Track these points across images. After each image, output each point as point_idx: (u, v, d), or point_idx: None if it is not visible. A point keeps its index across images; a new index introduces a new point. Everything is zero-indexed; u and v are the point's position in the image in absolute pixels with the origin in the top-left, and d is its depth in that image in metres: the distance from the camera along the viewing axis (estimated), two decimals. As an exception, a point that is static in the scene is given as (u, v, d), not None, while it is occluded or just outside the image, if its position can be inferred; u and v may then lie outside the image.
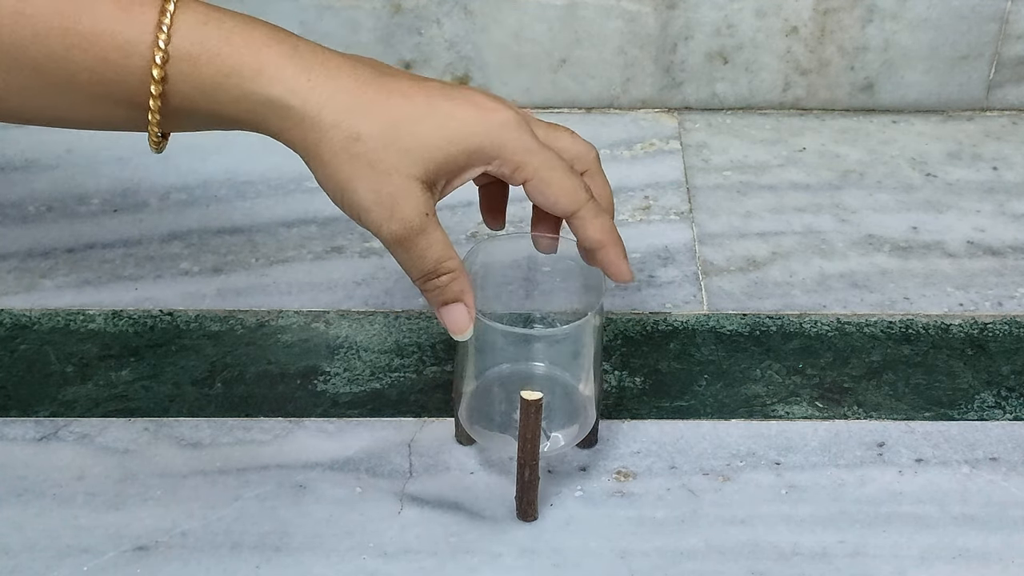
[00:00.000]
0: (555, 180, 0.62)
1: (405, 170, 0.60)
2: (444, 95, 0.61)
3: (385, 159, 0.60)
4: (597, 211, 0.64)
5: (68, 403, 0.73)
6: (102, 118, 0.61)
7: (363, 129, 0.59)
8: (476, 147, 0.61)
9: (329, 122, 0.59)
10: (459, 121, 0.61)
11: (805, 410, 0.73)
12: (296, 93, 0.59)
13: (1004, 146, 0.94)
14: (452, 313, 0.64)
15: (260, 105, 0.59)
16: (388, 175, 0.60)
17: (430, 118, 0.60)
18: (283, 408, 0.73)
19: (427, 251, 0.61)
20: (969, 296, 0.81)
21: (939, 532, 0.66)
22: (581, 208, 0.63)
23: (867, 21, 0.92)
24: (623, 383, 0.75)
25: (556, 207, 0.63)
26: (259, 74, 0.59)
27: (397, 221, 0.60)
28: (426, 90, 0.61)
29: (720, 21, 0.92)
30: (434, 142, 0.60)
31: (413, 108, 0.60)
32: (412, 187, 0.60)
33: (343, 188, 0.60)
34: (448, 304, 0.63)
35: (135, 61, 0.58)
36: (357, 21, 0.92)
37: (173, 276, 0.82)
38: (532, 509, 0.67)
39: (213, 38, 0.59)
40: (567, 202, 0.63)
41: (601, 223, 0.64)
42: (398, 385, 0.74)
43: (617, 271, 0.65)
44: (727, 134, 0.94)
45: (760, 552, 0.65)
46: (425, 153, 0.60)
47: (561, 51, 0.94)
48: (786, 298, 0.81)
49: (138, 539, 0.66)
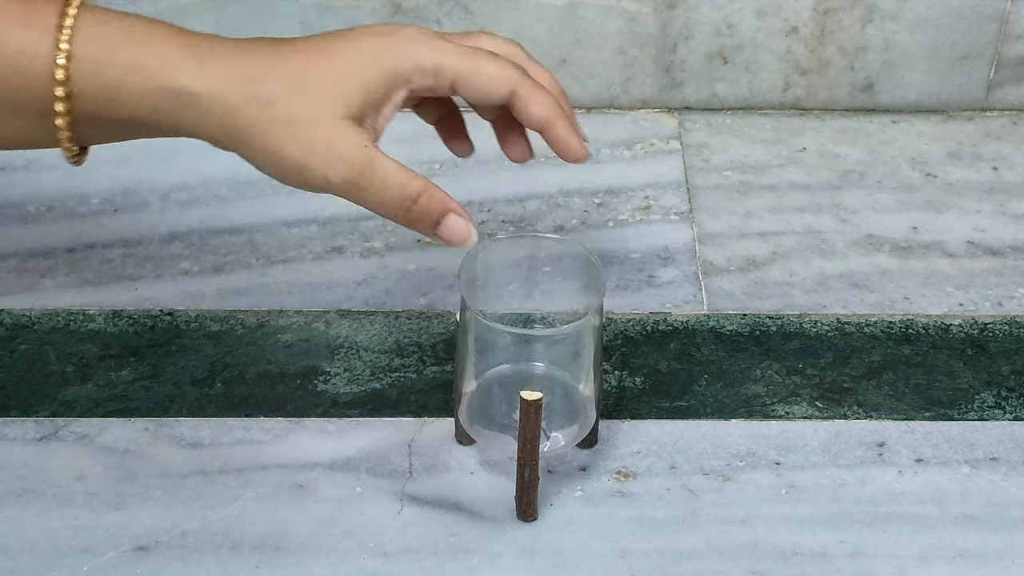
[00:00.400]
0: (480, 67, 0.61)
1: (328, 113, 0.59)
2: (342, 37, 0.61)
3: (304, 111, 0.59)
4: (535, 87, 0.62)
5: (68, 403, 0.73)
6: (15, 134, 0.60)
7: (272, 91, 0.58)
8: (390, 68, 0.60)
9: (239, 98, 0.58)
10: (364, 51, 0.60)
11: (805, 410, 0.73)
12: (199, 79, 0.58)
13: (1004, 146, 0.94)
14: (449, 227, 0.62)
15: (169, 99, 0.58)
16: (312, 125, 0.59)
17: (336, 58, 0.60)
18: (283, 408, 0.73)
19: (385, 181, 0.60)
20: (969, 296, 0.81)
21: (939, 532, 0.67)
22: (517, 86, 0.61)
23: (867, 21, 0.92)
24: (623, 383, 0.75)
25: (492, 95, 0.62)
26: (162, 68, 0.58)
27: (341, 165, 0.59)
28: (323, 39, 0.61)
29: (720, 21, 0.92)
30: (346, 78, 0.59)
31: (316, 57, 0.60)
32: (341, 127, 0.59)
33: (277, 158, 0.59)
34: (439, 222, 0.62)
35: (38, 65, 0.57)
36: (357, 21, 0.92)
37: (173, 276, 0.82)
38: (532, 509, 0.67)
39: (114, 38, 0.58)
40: (500, 84, 0.61)
41: (543, 98, 0.62)
42: (398, 385, 0.74)
43: (566, 147, 0.63)
44: (727, 134, 0.94)
45: (760, 552, 0.65)
46: (341, 91, 0.59)
47: (561, 51, 0.94)
48: (786, 298, 0.81)
49: (138, 539, 0.66)
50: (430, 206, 0.61)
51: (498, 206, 0.87)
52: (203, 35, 0.61)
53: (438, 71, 0.61)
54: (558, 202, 0.87)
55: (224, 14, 0.92)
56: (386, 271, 0.82)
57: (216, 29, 0.92)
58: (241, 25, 0.92)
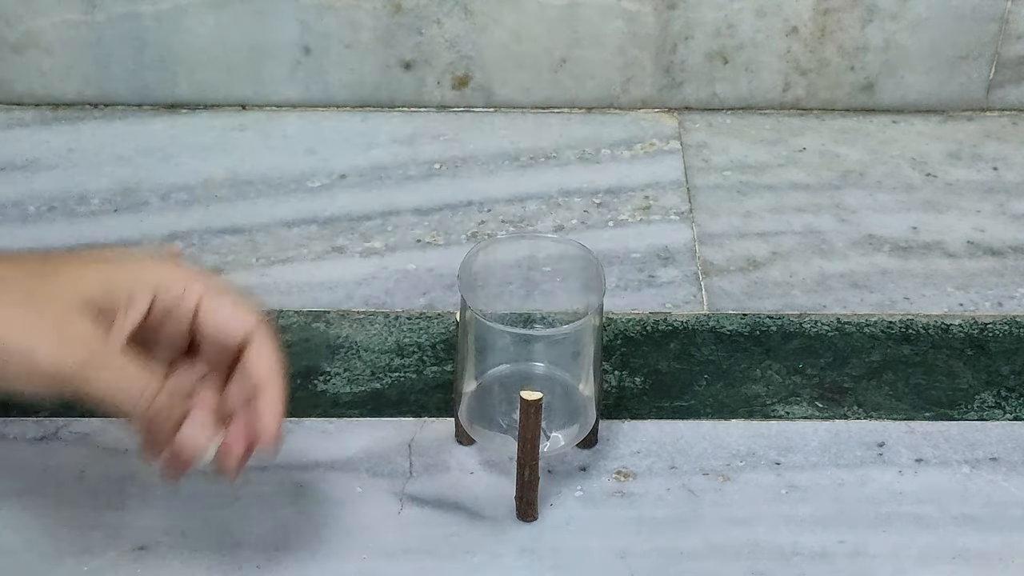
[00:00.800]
0: (228, 301, 0.59)
1: (66, 306, 0.56)
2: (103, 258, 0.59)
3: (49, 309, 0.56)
4: (270, 337, 0.59)
5: (68, 403, 0.73)
6: None
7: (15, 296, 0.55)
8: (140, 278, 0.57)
9: None
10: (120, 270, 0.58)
11: (805, 410, 0.73)
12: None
13: (1004, 146, 0.94)
14: (188, 431, 0.58)
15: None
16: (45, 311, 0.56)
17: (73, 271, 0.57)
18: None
19: (125, 368, 0.56)
20: (969, 296, 0.81)
21: (939, 532, 0.66)
22: (256, 330, 0.59)
23: (867, 21, 0.92)
24: (623, 383, 0.75)
25: (228, 328, 0.59)
26: None
27: (77, 346, 0.56)
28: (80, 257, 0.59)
29: (720, 21, 0.92)
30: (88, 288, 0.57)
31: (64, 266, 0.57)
32: (85, 324, 0.56)
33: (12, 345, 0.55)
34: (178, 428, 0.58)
35: None
36: (357, 21, 0.92)
37: (173, 276, 0.81)
38: (532, 509, 0.67)
39: None
40: (242, 321, 0.59)
41: (273, 353, 0.59)
42: (398, 385, 0.74)
43: (270, 419, 0.58)
44: (727, 134, 0.94)
45: (760, 552, 0.65)
46: (80, 291, 0.56)
47: (561, 51, 0.94)
48: (786, 298, 0.81)
49: (138, 539, 0.66)
50: (170, 407, 0.57)
51: (498, 206, 0.87)
52: None
53: (187, 285, 0.58)
54: (558, 202, 0.87)
55: (224, 14, 0.92)
56: (386, 271, 0.82)
57: (216, 29, 0.92)
58: (241, 25, 0.92)
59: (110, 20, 0.92)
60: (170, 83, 0.94)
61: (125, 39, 0.92)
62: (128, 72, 0.94)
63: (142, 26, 0.92)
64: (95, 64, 0.93)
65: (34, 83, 0.94)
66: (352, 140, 0.93)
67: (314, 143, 0.84)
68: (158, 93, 0.95)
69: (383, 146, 0.93)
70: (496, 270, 0.70)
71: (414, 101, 0.96)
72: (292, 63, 0.94)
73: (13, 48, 0.93)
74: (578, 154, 0.92)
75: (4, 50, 0.93)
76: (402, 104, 0.96)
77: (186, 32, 0.92)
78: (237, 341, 0.59)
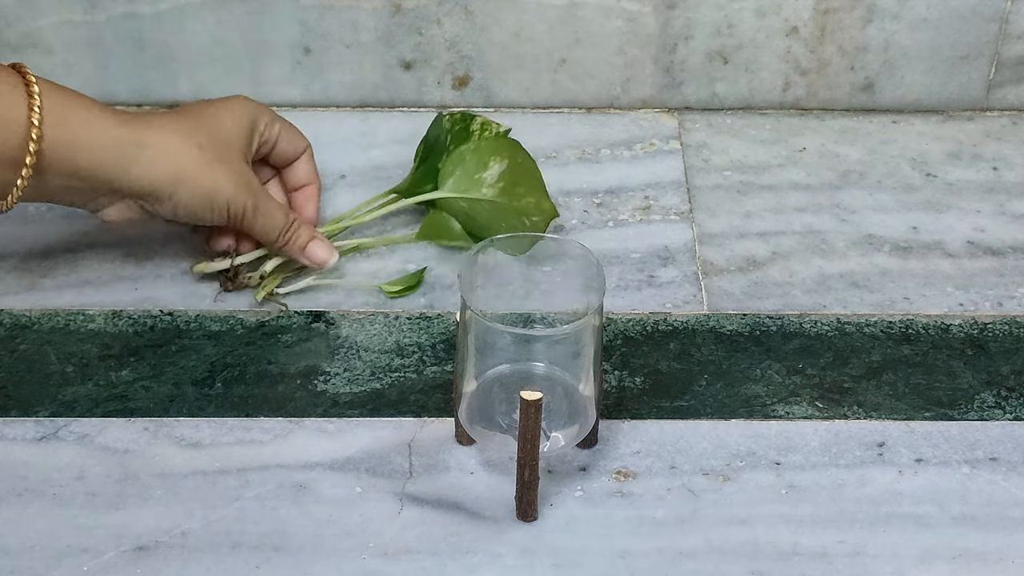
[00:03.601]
0: (292, 127, 0.82)
1: (239, 157, 0.77)
2: (224, 103, 0.79)
3: (226, 155, 0.76)
4: (311, 152, 0.84)
5: (68, 403, 0.73)
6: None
7: (202, 140, 0.75)
8: (250, 124, 0.79)
9: (182, 145, 0.74)
10: (239, 112, 0.78)
11: (805, 410, 0.73)
12: (151, 132, 0.74)
13: (1004, 146, 0.94)
14: (313, 251, 0.79)
15: (125, 148, 0.73)
16: (232, 164, 0.76)
17: (228, 117, 0.78)
18: (283, 408, 0.73)
19: (271, 210, 0.77)
20: (969, 296, 0.81)
21: (939, 532, 0.67)
22: (309, 148, 0.83)
23: (867, 21, 0.92)
24: (623, 383, 0.75)
25: (299, 146, 0.82)
26: (117, 124, 0.73)
27: (249, 195, 0.76)
28: (212, 105, 0.79)
29: (720, 21, 0.92)
30: (238, 133, 0.78)
31: (219, 118, 0.77)
32: (246, 168, 0.78)
33: (212, 190, 0.75)
34: (305, 247, 0.79)
35: (14, 118, 0.70)
36: (357, 21, 0.92)
37: (173, 276, 0.82)
38: (532, 509, 0.67)
39: (72, 100, 0.73)
40: (301, 141, 0.82)
41: (314, 162, 0.84)
42: (398, 385, 0.74)
43: (313, 213, 0.83)
44: (727, 134, 0.94)
45: (760, 552, 0.65)
46: (240, 142, 0.78)
47: (561, 51, 0.94)
48: (786, 298, 0.81)
49: (138, 539, 0.66)
50: (300, 232, 0.79)
51: (498, 206, 0.87)
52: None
53: (271, 124, 0.80)
54: (558, 202, 0.87)
55: (224, 14, 0.92)
56: (387, 271, 0.82)
57: (216, 29, 0.92)
58: (241, 25, 0.92)
59: (110, 20, 0.92)
60: (170, 83, 0.94)
61: (125, 39, 0.92)
62: (128, 72, 0.94)
63: (142, 26, 0.92)
64: (95, 64, 0.93)
65: (34, 83, 0.94)
66: (352, 140, 0.93)
67: (314, 143, 0.84)
68: (158, 93, 0.95)
69: (383, 146, 0.93)
70: (496, 270, 0.70)
71: (414, 101, 0.96)
72: (292, 63, 0.94)
73: (13, 48, 0.93)
74: (578, 154, 0.92)
75: (4, 50, 0.93)
76: (402, 104, 0.96)
77: (186, 32, 0.92)
78: (298, 155, 0.82)
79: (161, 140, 0.74)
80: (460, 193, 0.80)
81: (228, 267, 0.79)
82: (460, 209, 0.80)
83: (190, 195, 0.75)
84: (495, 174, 0.80)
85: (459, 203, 0.80)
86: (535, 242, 0.71)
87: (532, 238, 0.71)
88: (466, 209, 0.80)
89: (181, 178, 0.74)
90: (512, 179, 0.81)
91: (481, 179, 0.80)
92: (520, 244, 0.70)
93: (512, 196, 0.80)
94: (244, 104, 0.79)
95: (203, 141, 0.75)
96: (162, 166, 0.74)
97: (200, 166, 0.75)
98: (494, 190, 0.80)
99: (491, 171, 0.80)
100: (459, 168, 0.80)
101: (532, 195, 0.81)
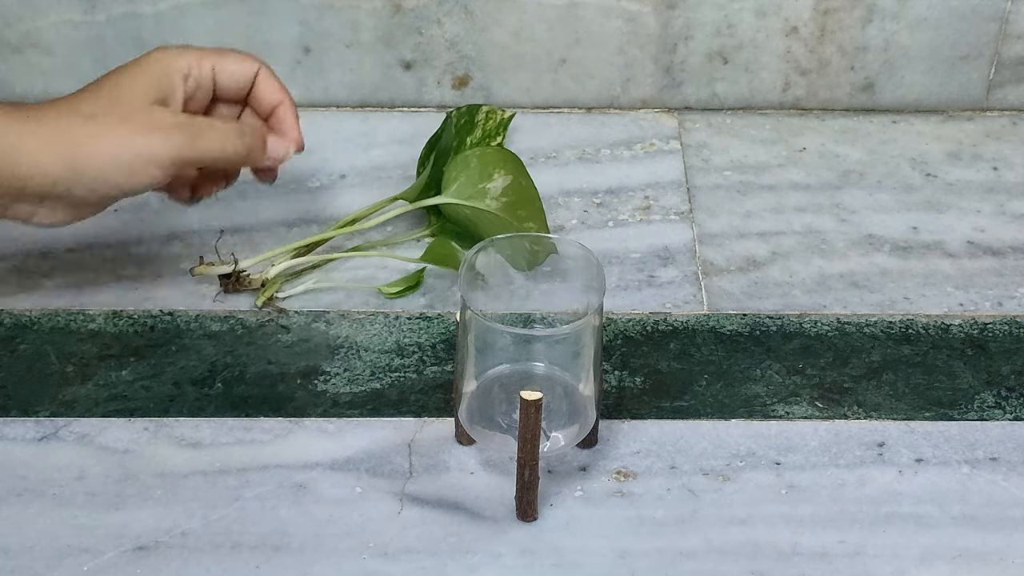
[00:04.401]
0: (229, 55, 0.75)
1: (141, 107, 0.70)
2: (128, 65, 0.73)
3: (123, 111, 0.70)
4: (272, 74, 0.77)
5: (68, 403, 0.73)
6: None
7: (93, 108, 0.69)
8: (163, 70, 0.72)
9: (67, 120, 0.68)
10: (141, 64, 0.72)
11: (805, 410, 0.73)
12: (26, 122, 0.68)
13: (1004, 146, 0.94)
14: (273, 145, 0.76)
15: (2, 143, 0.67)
16: (135, 114, 0.70)
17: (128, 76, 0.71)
18: (283, 408, 0.73)
19: (213, 125, 0.72)
20: (969, 296, 0.81)
21: (939, 532, 0.67)
22: (260, 70, 0.76)
23: (867, 21, 0.92)
24: (623, 383, 0.75)
25: (247, 72, 0.75)
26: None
27: (173, 130, 0.70)
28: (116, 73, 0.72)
29: (720, 21, 0.93)
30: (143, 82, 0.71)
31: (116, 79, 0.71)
32: (155, 109, 0.70)
33: (116, 152, 0.68)
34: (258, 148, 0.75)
35: None
36: (357, 21, 0.92)
37: (173, 276, 0.82)
38: (532, 509, 0.67)
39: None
40: (247, 66, 0.75)
41: (279, 85, 0.77)
42: (398, 385, 0.74)
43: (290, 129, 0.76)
44: (727, 134, 0.94)
45: (760, 552, 0.65)
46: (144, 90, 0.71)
47: (561, 51, 0.94)
48: (786, 298, 0.81)
49: (138, 539, 0.66)
50: (256, 132, 0.74)
51: (498, 206, 0.87)
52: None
53: (197, 64, 0.73)
54: (558, 202, 0.87)
55: (224, 14, 0.92)
56: (387, 271, 0.82)
57: (216, 29, 0.92)
58: (240, 25, 0.92)
59: (110, 20, 0.92)
60: (170, 83, 0.94)
61: (125, 39, 0.92)
62: (128, 72, 0.94)
63: (142, 26, 0.92)
64: (95, 64, 0.93)
65: (34, 83, 0.94)
66: (352, 140, 0.93)
67: (314, 143, 0.83)
68: (158, 93, 0.95)
69: (383, 146, 0.93)
70: (496, 270, 0.70)
71: (414, 101, 0.96)
72: (292, 63, 0.94)
73: (13, 48, 0.93)
74: (578, 154, 0.92)
75: (4, 50, 0.93)
76: (402, 104, 0.96)
77: (185, 32, 0.92)
78: (249, 81, 0.76)
79: (41, 125, 0.68)
80: (464, 200, 0.79)
81: (230, 272, 0.79)
82: (463, 216, 0.80)
83: (99, 169, 0.68)
84: (499, 187, 0.80)
85: (463, 210, 0.80)
86: (541, 259, 0.71)
87: (534, 253, 0.71)
88: (469, 216, 0.80)
89: (76, 155, 0.68)
90: (515, 198, 0.80)
91: (485, 189, 0.79)
92: (522, 253, 0.70)
93: (514, 217, 0.80)
94: (154, 55, 0.72)
95: (95, 110, 0.69)
96: (50, 152, 0.67)
97: (95, 136, 0.68)
98: (498, 203, 0.79)
99: (495, 183, 0.80)
100: (463, 174, 0.80)
101: (533, 221, 0.80)
